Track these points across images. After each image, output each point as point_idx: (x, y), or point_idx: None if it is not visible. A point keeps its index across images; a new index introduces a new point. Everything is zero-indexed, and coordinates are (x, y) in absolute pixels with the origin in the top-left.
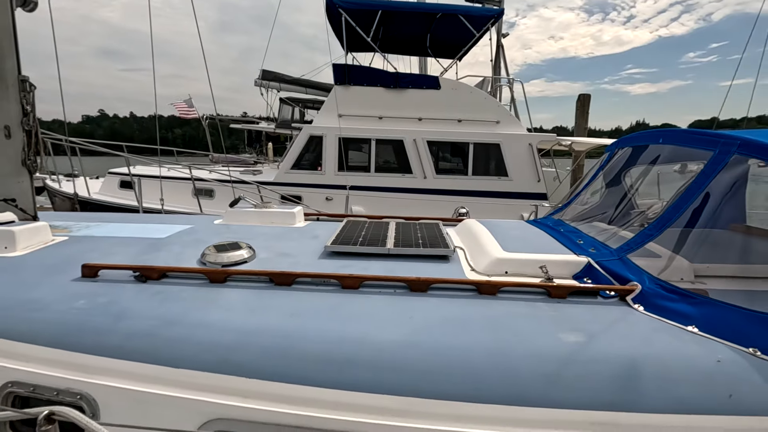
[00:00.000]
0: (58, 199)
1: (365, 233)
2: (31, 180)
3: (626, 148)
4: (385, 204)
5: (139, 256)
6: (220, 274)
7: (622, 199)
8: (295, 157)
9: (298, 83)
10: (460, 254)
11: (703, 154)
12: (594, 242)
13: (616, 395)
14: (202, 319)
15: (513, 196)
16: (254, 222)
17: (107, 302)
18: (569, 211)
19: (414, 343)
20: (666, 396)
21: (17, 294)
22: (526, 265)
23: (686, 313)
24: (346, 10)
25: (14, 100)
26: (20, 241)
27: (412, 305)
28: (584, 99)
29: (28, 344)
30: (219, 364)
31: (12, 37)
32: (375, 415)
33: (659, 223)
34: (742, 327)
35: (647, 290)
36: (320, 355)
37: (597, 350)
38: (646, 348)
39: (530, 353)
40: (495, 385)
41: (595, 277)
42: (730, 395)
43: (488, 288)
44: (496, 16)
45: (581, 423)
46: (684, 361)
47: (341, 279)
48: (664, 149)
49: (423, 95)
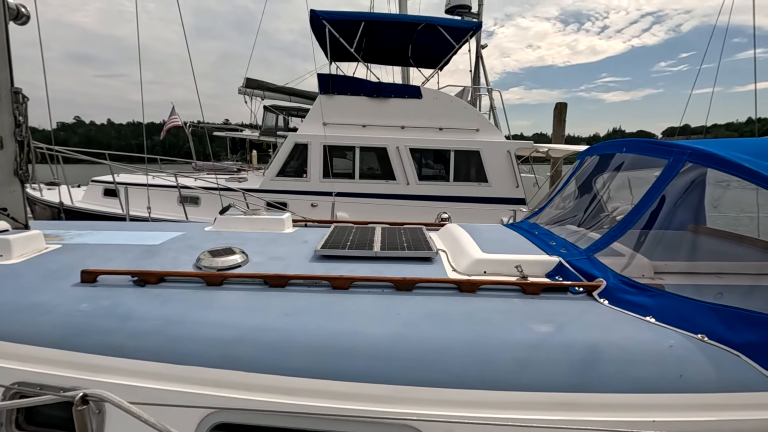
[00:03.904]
0: (39, 208)
1: (353, 237)
2: (22, 189)
3: (595, 156)
4: (370, 210)
5: (135, 261)
6: (216, 277)
7: (590, 203)
8: (281, 165)
9: (281, 91)
10: (443, 256)
11: (660, 161)
12: (565, 243)
13: (580, 378)
14: (204, 318)
15: (493, 201)
16: (244, 228)
17: (110, 305)
18: (543, 214)
19: (401, 336)
20: (624, 377)
21: (20, 299)
22: (503, 264)
23: (644, 305)
24: (329, 22)
25: (7, 112)
26: (15, 249)
27: (398, 303)
28: (561, 107)
29: (34, 346)
30: (221, 359)
31: (5, 50)
32: (367, 402)
33: (622, 225)
34: (692, 316)
35: (611, 286)
36: (315, 348)
37: (564, 339)
38: (607, 336)
39: (504, 343)
40: (474, 372)
41: (565, 274)
42: (681, 375)
43: (468, 286)
44: (474, 29)
45: (550, 404)
46: (640, 346)
47: (332, 280)
48: (627, 157)
49: (405, 104)
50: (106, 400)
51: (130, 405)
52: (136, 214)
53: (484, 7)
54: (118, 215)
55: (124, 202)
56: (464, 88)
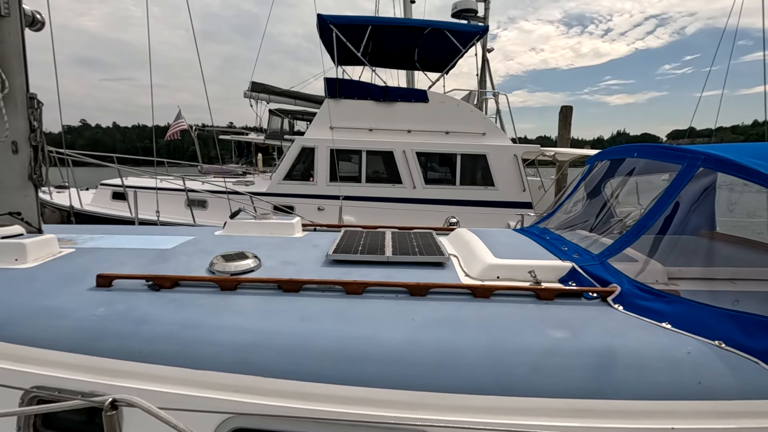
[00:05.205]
0: (48, 211)
1: (364, 242)
2: (36, 194)
3: (605, 161)
4: (376, 213)
5: (148, 266)
6: (230, 282)
7: (602, 209)
8: (288, 168)
9: (287, 95)
10: (454, 261)
11: (673, 167)
12: (577, 248)
13: (597, 384)
14: (219, 323)
15: (499, 205)
16: (254, 233)
17: (126, 309)
18: (554, 219)
19: (416, 342)
20: (642, 384)
21: (36, 303)
22: (516, 270)
23: (660, 311)
24: (336, 26)
25: (22, 117)
26: (30, 253)
27: (412, 308)
28: (566, 111)
29: (51, 350)
30: (237, 364)
31: (21, 57)
32: (382, 407)
33: (635, 230)
34: (709, 323)
35: (625, 291)
36: (331, 353)
37: (580, 344)
38: (623, 342)
39: (520, 348)
40: (489, 377)
41: (578, 280)
42: (699, 382)
43: (482, 291)
44: (480, 33)
45: (566, 410)
46: (657, 353)
47: (346, 285)
48: (638, 162)
49: (412, 108)
50: (135, 405)
51: (159, 410)
52: (145, 218)
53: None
54: (126, 218)
55: (133, 205)
56: (470, 92)
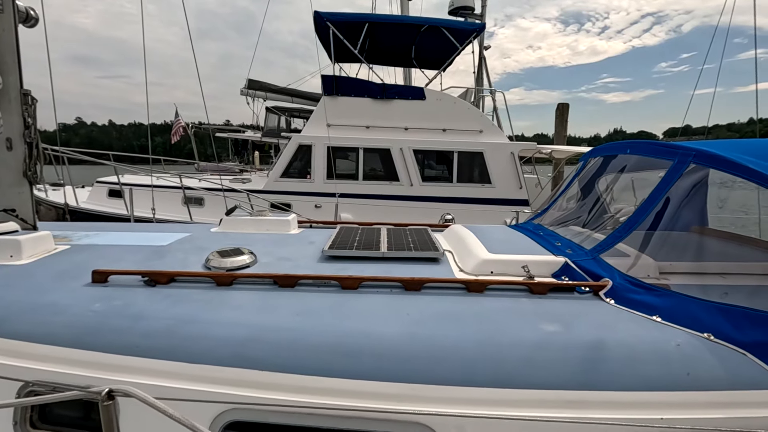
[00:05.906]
0: (43, 209)
1: (359, 238)
2: (31, 191)
3: (598, 158)
4: (373, 211)
5: (144, 262)
6: (226, 277)
7: (594, 204)
8: (285, 166)
9: (284, 92)
10: (449, 257)
11: (664, 163)
12: (570, 244)
13: (589, 376)
14: (215, 318)
15: (496, 202)
16: (250, 229)
17: (122, 304)
18: (547, 216)
19: (411, 335)
20: (632, 375)
21: (33, 299)
22: (510, 265)
23: (651, 305)
24: (333, 23)
25: (16, 113)
26: (26, 249)
27: (407, 302)
28: (563, 108)
29: (47, 345)
30: (233, 358)
31: (15, 53)
32: (378, 400)
33: (627, 226)
34: (698, 316)
35: (617, 285)
36: (326, 347)
37: (572, 337)
38: (615, 335)
39: (513, 342)
40: (483, 370)
41: (571, 275)
42: (688, 374)
43: (476, 286)
44: (477, 30)
45: (558, 402)
46: (648, 345)
47: (341, 280)
48: (631, 159)
49: (409, 106)
50: (131, 395)
51: (155, 400)
52: (141, 215)
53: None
54: (122, 216)
55: (129, 203)
56: (467, 90)
